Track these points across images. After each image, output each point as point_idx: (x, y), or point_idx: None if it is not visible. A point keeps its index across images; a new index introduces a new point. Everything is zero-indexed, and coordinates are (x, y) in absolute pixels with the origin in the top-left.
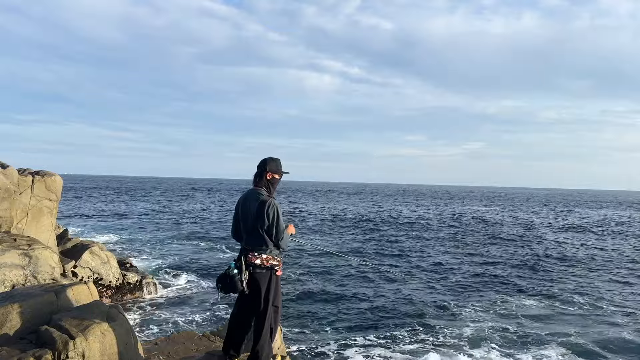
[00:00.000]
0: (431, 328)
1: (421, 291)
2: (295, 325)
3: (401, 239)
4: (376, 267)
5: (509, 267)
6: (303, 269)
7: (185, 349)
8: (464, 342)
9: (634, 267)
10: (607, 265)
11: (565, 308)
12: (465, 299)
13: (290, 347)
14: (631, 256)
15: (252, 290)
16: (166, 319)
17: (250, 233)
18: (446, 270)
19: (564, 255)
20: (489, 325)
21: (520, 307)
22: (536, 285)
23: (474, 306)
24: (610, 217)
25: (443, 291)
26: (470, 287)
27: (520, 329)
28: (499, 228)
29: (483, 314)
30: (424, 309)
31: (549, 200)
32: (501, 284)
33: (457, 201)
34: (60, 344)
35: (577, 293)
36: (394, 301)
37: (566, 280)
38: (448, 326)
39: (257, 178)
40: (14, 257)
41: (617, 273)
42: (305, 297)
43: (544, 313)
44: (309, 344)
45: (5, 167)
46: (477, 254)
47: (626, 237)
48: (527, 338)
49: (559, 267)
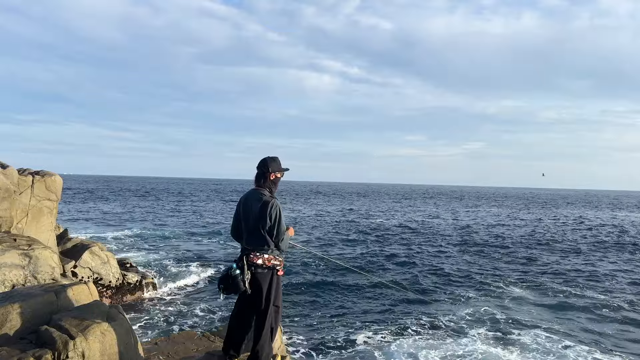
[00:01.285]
0: (432, 333)
1: (420, 295)
2: (295, 325)
3: (404, 243)
4: (373, 272)
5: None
6: (303, 270)
7: (185, 349)
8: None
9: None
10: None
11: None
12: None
13: (290, 347)
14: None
15: (254, 290)
16: (166, 319)
17: (252, 233)
18: (446, 271)
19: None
20: (487, 316)
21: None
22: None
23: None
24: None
25: (444, 296)
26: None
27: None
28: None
29: (482, 303)
30: (423, 310)
31: (569, 200)
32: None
33: (455, 201)
34: (60, 344)
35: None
36: (394, 301)
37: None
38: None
39: (260, 179)
40: (14, 257)
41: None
42: (305, 297)
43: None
44: (309, 344)
45: (5, 167)
46: (480, 250)
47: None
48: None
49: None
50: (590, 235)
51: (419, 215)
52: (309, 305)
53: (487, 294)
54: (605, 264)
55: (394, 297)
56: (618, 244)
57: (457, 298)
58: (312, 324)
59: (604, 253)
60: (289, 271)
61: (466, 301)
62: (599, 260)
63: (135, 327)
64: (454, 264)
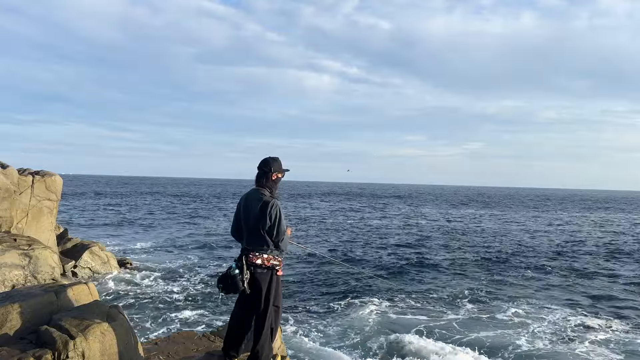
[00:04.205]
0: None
1: (419, 297)
2: (296, 326)
3: (407, 243)
4: (373, 273)
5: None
6: (304, 270)
7: (185, 349)
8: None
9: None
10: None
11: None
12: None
13: (290, 347)
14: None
15: (253, 290)
16: (166, 319)
17: (252, 233)
18: (445, 274)
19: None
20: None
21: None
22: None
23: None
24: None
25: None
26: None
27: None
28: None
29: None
30: (422, 312)
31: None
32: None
33: (454, 201)
34: (60, 343)
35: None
36: (393, 301)
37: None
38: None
39: (261, 179)
40: (14, 257)
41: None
42: (306, 297)
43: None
44: (309, 344)
45: (5, 167)
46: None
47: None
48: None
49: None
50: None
51: (420, 215)
52: (309, 306)
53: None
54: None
55: (395, 296)
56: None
57: (458, 296)
58: (312, 324)
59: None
60: (290, 271)
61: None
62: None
63: (135, 327)
64: (457, 261)
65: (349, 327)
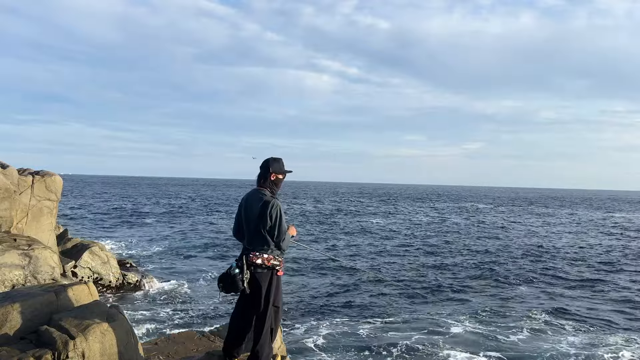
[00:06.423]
0: (432, 331)
1: (419, 297)
2: (296, 326)
3: (408, 241)
4: (375, 274)
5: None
6: (304, 270)
7: (185, 349)
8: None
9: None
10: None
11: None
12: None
13: (290, 347)
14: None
15: (253, 290)
16: (166, 319)
17: (253, 233)
18: (444, 273)
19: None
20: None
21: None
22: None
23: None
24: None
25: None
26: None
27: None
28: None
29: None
30: (427, 309)
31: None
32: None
33: (452, 200)
34: (60, 344)
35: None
36: (392, 301)
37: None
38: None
39: (261, 179)
40: (14, 257)
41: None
42: (306, 297)
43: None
44: (310, 344)
45: (5, 167)
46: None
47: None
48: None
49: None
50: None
51: (422, 215)
52: (309, 306)
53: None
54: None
55: (395, 295)
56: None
57: (461, 298)
58: (312, 324)
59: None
60: (290, 271)
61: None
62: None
63: (135, 327)
64: (464, 263)
65: (350, 328)
